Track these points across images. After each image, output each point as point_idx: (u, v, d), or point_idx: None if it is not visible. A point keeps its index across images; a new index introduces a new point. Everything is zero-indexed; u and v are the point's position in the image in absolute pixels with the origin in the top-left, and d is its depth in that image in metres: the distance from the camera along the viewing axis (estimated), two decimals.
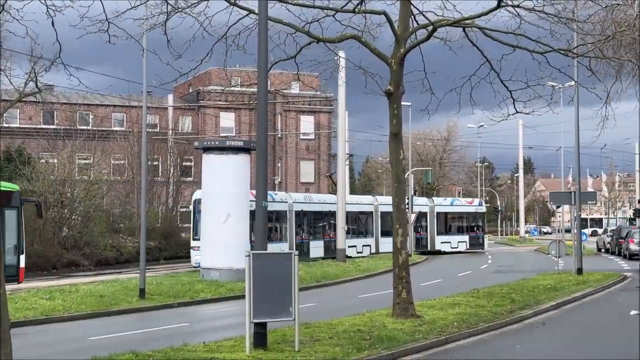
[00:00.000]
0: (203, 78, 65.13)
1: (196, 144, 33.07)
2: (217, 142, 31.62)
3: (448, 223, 57.01)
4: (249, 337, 13.55)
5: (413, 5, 18.89)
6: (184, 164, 55.59)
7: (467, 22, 18.79)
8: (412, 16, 18.98)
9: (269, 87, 16.29)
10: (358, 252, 48.10)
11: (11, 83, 39.57)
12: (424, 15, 19.15)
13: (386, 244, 45.58)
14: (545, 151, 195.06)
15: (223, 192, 28.67)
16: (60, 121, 57.26)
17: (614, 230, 58.55)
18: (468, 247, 56.54)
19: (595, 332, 17.62)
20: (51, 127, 55.79)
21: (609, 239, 55.18)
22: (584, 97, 42.32)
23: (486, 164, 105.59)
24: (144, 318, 21.09)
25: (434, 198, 61.93)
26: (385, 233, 48.20)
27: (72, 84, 55.75)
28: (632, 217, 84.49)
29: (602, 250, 56.06)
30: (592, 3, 19.23)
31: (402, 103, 19.41)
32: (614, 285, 28.41)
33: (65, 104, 56.39)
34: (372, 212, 51.14)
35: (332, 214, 44.73)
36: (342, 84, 37.43)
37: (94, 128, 56.23)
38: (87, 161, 48.70)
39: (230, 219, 28.51)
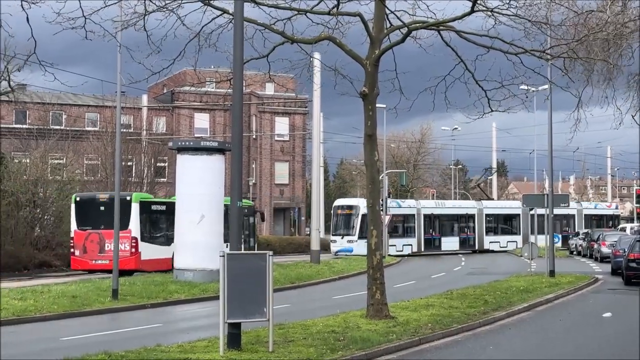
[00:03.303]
0: (177, 79, 64.91)
1: (170, 144, 32.88)
2: (191, 143, 31.43)
3: (590, 223, 65.31)
4: (222, 337, 13.50)
5: (387, 8, 18.93)
6: (158, 164, 55.30)
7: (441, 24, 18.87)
8: (386, 17, 19.02)
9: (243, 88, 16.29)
10: (502, 247, 59.18)
11: None
12: (398, 18, 19.21)
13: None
14: (519, 154, 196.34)
15: (197, 193, 28.54)
16: (33, 121, 56.79)
17: (585, 232, 59.02)
18: None
19: (567, 334, 17.75)
20: (24, 126, 55.35)
21: (580, 242, 55.58)
22: (557, 101, 42.78)
23: (460, 166, 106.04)
24: (117, 319, 20.98)
25: (581, 202, 72.09)
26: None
27: (47, 79, 55.14)
28: None
29: (574, 252, 56.46)
30: (565, 8, 19.38)
31: (377, 105, 19.43)
32: (585, 288, 28.64)
33: (39, 103, 55.94)
34: (518, 215, 60.67)
35: (471, 216, 58.14)
36: (317, 85, 37.46)
37: (67, 128, 55.82)
38: (60, 161, 48.24)
39: (204, 219, 28.39)
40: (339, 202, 56.46)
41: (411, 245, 55.09)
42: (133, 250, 33.16)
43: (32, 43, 12.50)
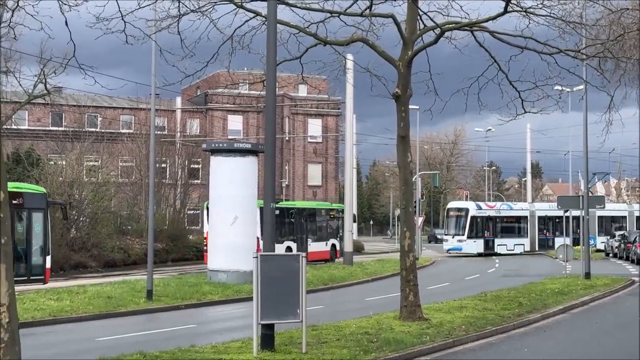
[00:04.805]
0: (211, 81, 65.27)
1: (204, 146, 33.09)
2: (224, 144, 31.60)
3: None
4: (256, 338, 13.55)
5: (420, 9, 18.87)
6: (191, 166, 55.63)
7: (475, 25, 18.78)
8: (419, 18, 18.96)
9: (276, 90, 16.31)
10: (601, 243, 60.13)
11: (20, 85, 39.78)
12: (430, 19, 19.14)
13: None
14: (553, 155, 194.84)
15: (230, 195, 28.68)
16: (68, 123, 57.43)
17: (622, 234, 58.34)
18: None
19: (603, 336, 17.57)
20: (60, 129, 55.95)
21: (616, 244, 54.95)
22: (592, 102, 42.36)
23: (494, 168, 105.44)
24: (152, 319, 21.13)
25: None
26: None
27: (87, 82, 55.78)
28: None
29: (610, 254, 55.86)
30: (600, 6, 19.18)
31: (410, 106, 19.38)
32: (622, 290, 28.32)
33: (74, 106, 56.54)
34: (625, 217, 64.03)
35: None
36: (350, 86, 37.48)
37: (103, 130, 56.38)
38: (95, 163, 48.80)
39: (237, 221, 28.51)
40: (451, 205, 62.73)
41: (523, 244, 58.83)
42: (255, 247, 35.59)
43: (71, 47, 12.63)
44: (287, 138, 67.82)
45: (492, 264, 47.41)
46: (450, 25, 18.87)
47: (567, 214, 60.46)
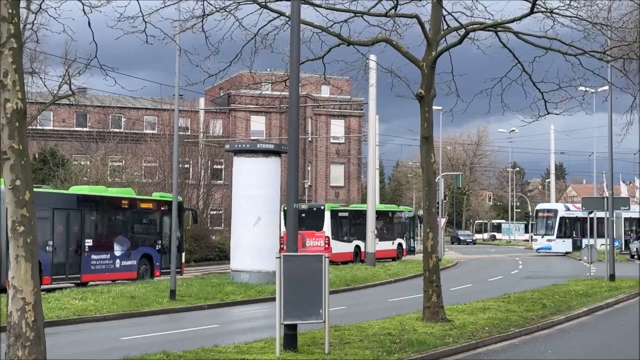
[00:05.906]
0: (234, 82, 65.42)
1: (227, 146, 33.20)
2: (247, 145, 31.69)
3: None
4: (279, 338, 13.57)
5: (444, 9, 18.82)
6: (214, 166, 55.79)
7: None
8: (443, 18, 18.90)
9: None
10: None
11: (45, 86, 40.18)
12: (455, 19, 19.08)
13: None
14: (577, 157, 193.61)
15: (253, 195, 28.73)
16: (93, 124, 57.81)
17: None
18: None
19: (628, 339, 17.42)
20: (84, 129, 56.36)
21: None
22: (619, 104, 42.00)
23: (517, 169, 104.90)
24: (175, 319, 21.20)
25: None
26: None
27: (108, 83, 56.06)
28: None
29: (635, 256, 55.43)
30: (627, 5, 19.04)
31: (433, 107, 19.33)
32: None
33: (98, 106, 56.94)
34: None
35: None
36: (373, 86, 37.43)
37: (126, 131, 56.68)
38: (119, 163, 49.09)
39: (260, 221, 28.56)
40: (540, 206, 65.91)
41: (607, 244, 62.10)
42: (326, 245, 41.53)
43: (93, 47, 12.70)
44: (309, 139, 67.84)
45: (516, 265, 47.18)
46: (475, 26, 18.80)
47: None
